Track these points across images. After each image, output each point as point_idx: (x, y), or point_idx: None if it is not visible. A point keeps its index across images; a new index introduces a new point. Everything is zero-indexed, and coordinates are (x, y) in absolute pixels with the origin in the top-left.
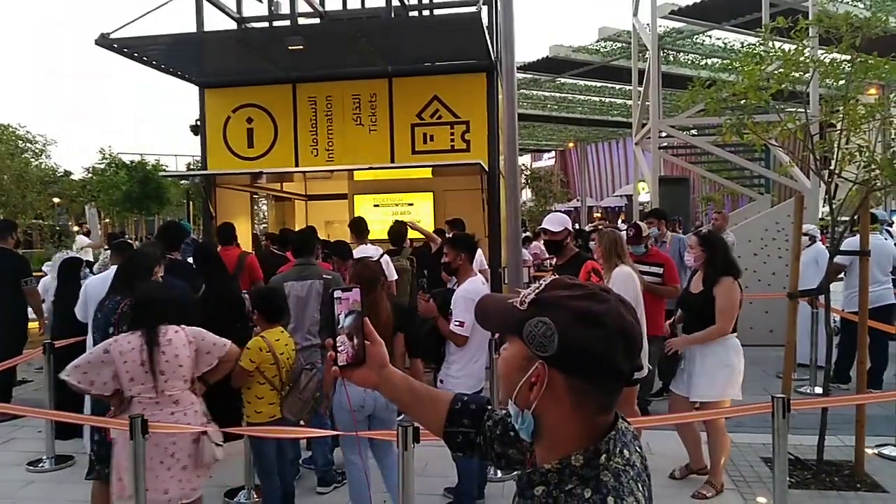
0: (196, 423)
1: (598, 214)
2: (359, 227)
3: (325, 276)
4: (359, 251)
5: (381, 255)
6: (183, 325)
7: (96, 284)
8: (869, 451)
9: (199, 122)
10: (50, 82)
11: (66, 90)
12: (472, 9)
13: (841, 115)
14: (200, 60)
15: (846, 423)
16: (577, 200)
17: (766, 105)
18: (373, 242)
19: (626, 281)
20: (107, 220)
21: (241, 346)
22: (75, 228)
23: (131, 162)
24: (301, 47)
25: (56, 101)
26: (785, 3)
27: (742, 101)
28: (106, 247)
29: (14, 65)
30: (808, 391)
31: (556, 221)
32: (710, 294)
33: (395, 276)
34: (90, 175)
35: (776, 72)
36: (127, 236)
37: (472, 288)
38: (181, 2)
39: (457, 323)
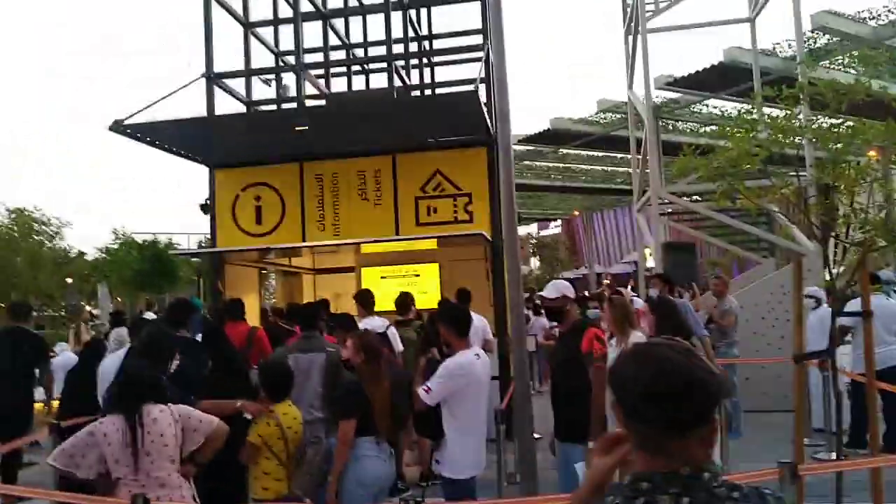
0: None
1: (607, 281)
2: (364, 299)
3: (328, 348)
4: (364, 323)
5: (388, 327)
6: (169, 404)
7: (111, 364)
8: None
9: (208, 202)
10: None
11: (77, 173)
12: (471, 87)
13: (832, 178)
14: (210, 142)
15: (863, 490)
16: (585, 268)
17: (758, 170)
18: (380, 314)
19: None
20: (118, 299)
21: (246, 424)
22: (87, 308)
23: (143, 241)
24: (306, 128)
25: (69, 186)
26: (777, 71)
27: (734, 168)
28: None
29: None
30: (825, 457)
31: (552, 288)
32: None
33: (401, 348)
34: (103, 255)
35: (767, 138)
36: (144, 314)
37: (459, 360)
38: (192, 86)
39: (424, 388)
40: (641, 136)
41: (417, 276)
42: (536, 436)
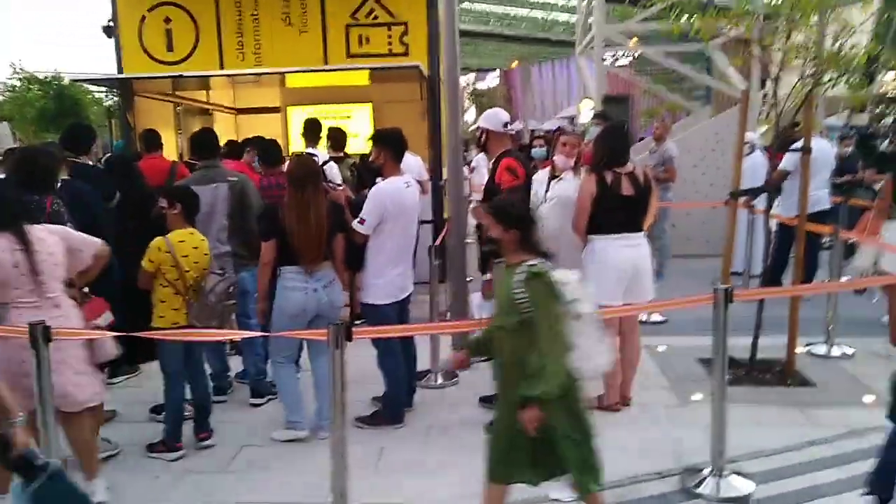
0: (80, 325)
1: (540, 135)
2: (311, 129)
3: (229, 178)
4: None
5: (327, 161)
6: (47, 225)
7: None
8: (800, 350)
9: (111, 23)
10: None
11: None
12: None
13: (790, 4)
14: None
15: (777, 325)
16: (520, 122)
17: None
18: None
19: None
20: (21, 141)
21: None
22: None
23: (45, 77)
24: None
25: None
26: None
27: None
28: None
29: None
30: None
31: (481, 119)
32: None
33: (342, 184)
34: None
35: None
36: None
37: (388, 187)
38: None
39: (358, 220)
40: None
41: (348, 117)
42: (469, 278)
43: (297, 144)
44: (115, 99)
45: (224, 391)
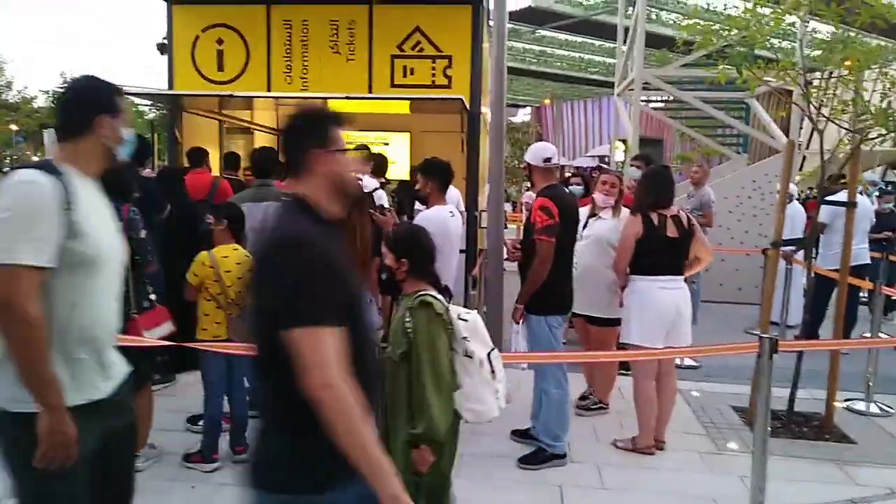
0: None
1: (569, 174)
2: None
3: (283, 197)
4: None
5: (377, 189)
6: None
7: None
8: (838, 404)
9: (165, 41)
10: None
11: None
12: None
13: (840, 60)
14: None
15: (812, 378)
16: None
17: (762, 44)
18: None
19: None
20: None
21: None
22: (34, 158)
23: None
24: None
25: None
26: None
27: (745, 41)
28: None
29: None
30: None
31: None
32: None
33: (390, 210)
34: (50, 100)
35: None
36: None
37: (433, 215)
38: None
39: None
40: (627, 21)
41: (387, 143)
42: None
43: None
44: (158, 112)
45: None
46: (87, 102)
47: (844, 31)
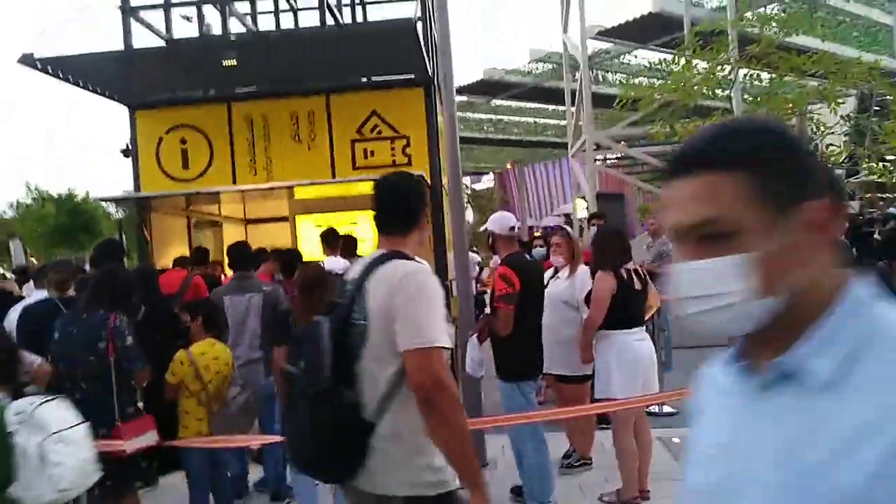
0: None
1: (538, 234)
2: (329, 239)
3: (264, 288)
4: (327, 263)
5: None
6: None
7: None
8: None
9: (129, 146)
10: None
11: None
12: (409, 14)
13: (766, 111)
14: (130, 80)
15: None
16: (519, 222)
17: (693, 103)
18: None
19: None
20: (33, 259)
21: None
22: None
23: (59, 195)
24: (234, 62)
25: None
26: (706, 21)
27: (671, 107)
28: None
29: None
30: None
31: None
32: None
33: None
34: (14, 210)
35: (702, 79)
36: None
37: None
38: (108, 21)
39: None
40: (574, 85)
41: (354, 223)
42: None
43: (306, 251)
44: (126, 213)
45: (241, 495)
46: None
47: (779, 77)
